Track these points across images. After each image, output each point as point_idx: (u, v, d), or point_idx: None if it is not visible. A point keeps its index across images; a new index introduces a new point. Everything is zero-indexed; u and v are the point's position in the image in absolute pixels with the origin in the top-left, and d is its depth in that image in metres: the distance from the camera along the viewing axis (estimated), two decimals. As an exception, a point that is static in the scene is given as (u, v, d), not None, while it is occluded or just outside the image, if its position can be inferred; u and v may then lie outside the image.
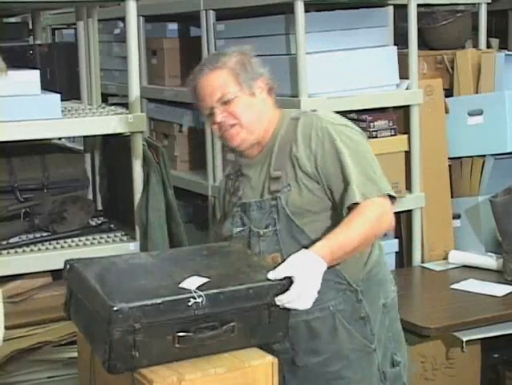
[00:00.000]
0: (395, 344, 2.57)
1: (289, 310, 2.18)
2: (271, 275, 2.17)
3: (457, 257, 3.88)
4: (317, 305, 2.39)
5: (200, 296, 2.03)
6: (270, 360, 2.10)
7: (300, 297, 2.17)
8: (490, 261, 3.79)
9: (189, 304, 2.02)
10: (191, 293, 2.03)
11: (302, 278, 2.18)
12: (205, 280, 2.08)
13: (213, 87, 2.45)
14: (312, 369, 2.49)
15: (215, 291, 2.06)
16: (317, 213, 2.42)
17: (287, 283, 2.15)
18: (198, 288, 2.05)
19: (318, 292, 2.25)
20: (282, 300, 2.16)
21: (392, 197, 2.40)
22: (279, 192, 2.43)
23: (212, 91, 2.45)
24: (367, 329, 2.48)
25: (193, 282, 2.07)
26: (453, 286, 3.58)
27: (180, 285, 2.06)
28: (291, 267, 2.19)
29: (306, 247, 2.31)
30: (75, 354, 2.74)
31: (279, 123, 2.52)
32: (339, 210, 2.39)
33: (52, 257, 3.11)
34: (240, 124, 2.45)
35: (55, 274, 3.33)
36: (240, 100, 2.45)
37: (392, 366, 2.54)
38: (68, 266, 2.21)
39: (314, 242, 2.32)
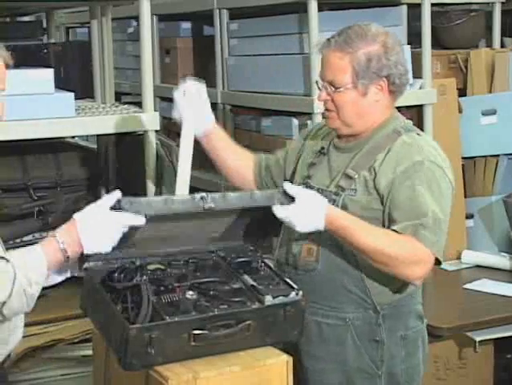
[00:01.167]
0: (408, 378, 2.46)
1: (304, 309, 2.18)
2: (286, 184, 2.25)
3: (470, 257, 3.87)
4: (334, 312, 2.40)
5: (205, 193, 2.15)
6: (284, 359, 2.10)
7: (289, 221, 2.21)
8: (503, 261, 3.79)
9: (196, 199, 2.13)
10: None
11: (299, 211, 2.20)
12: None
13: (329, 66, 2.35)
14: (311, 375, 2.46)
15: (221, 192, 2.20)
16: None
17: (289, 202, 2.21)
18: None
19: (337, 298, 2.33)
20: (276, 210, 2.20)
21: (436, 262, 2.32)
22: (344, 191, 2.36)
23: (327, 69, 2.36)
24: (378, 353, 2.40)
25: None
26: (465, 286, 3.57)
27: None
28: (303, 195, 2.22)
29: (344, 251, 2.33)
30: (89, 352, 2.75)
31: (383, 124, 2.40)
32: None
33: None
34: (338, 115, 2.38)
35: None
36: (347, 94, 2.34)
37: None
38: None
39: (351, 250, 2.31)
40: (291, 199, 2.22)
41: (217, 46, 4.22)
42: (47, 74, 3.11)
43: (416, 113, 3.87)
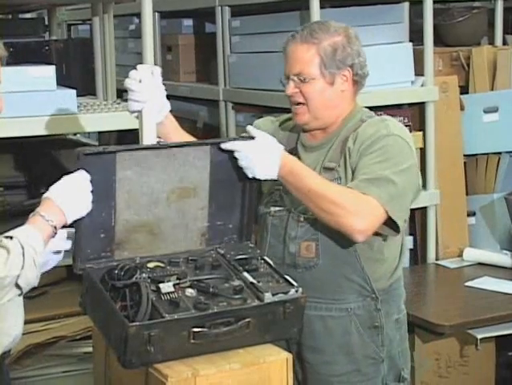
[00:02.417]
0: (404, 360, 2.54)
1: (304, 307, 2.18)
2: (249, 127, 2.34)
3: (471, 255, 3.87)
4: (336, 305, 2.43)
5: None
6: (284, 356, 2.10)
7: (245, 157, 2.26)
8: (505, 259, 3.78)
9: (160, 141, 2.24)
10: None
11: (257, 147, 2.26)
12: None
13: (296, 60, 2.41)
14: (316, 368, 2.48)
15: None
16: None
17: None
18: None
19: (340, 290, 2.34)
20: (232, 145, 2.26)
21: (394, 227, 2.34)
22: None
23: (294, 62, 2.41)
24: (379, 339, 2.46)
25: None
26: (467, 284, 3.57)
27: None
28: (263, 139, 2.28)
29: (343, 243, 2.35)
30: (90, 349, 2.75)
31: (350, 116, 2.46)
32: None
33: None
34: (307, 106, 2.42)
35: (69, 269, 3.34)
36: (315, 84, 2.40)
37: (398, 381, 2.52)
38: None
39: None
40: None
41: (218, 44, 4.21)
42: (49, 71, 3.11)
43: (417, 110, 3.87)
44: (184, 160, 2.27)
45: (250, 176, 2.29)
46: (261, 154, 2.27)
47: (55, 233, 2.05)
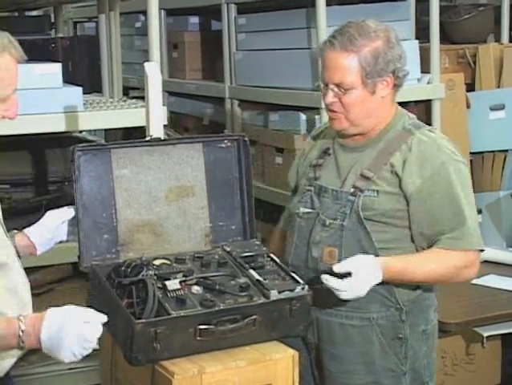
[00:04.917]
0: (429, 373, 2.46)
1: (310, 304, 2.18)
2: (336, 268, 2.19)
3: (477, 253, 3.86)
4: (357, 313, 2.38)
5: None
6: (290, 353, 2.10)
7: (344, 292, 2.19)
8: (511, 257, 3.77)
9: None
10: None
11: (357, 280, 2.19)
12: None
13: (335, 68, 2.30)
14: (336, 377, 2.43)
15: None
16: (391, 226, 2.33)
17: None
18: None
19: (362, 299, 2.27)
20: (330, 281, 2.17)
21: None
22: (362, 192, 2.32)
23: (333, 71, 2.30)
24: (402, 350, 2.39)
25: None
26: (473, 281, 3.54)
27: None
28: (356, 266, 2.20)
29: (366, 253, 2.30)
30: (96, 346, 2.75)
31: (392, 121, 2.38)
32: (418, 237, 2.34)
33: (72, 249, 3.12)
34: (346, 116, 2.35)
35: (76, 267, 3.34)
36: (356, 94, 2.30)
37: None
38: None
39: (376, 251, 2.30)
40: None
41: (224, 41, 4.22)
42: (55, 68, 3.11)
43: (424, 108, 3.86)
44: (178, 158, 2.29)
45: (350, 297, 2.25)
46: (365, 282, 2.22)
47: (22, 350, 1.85)
